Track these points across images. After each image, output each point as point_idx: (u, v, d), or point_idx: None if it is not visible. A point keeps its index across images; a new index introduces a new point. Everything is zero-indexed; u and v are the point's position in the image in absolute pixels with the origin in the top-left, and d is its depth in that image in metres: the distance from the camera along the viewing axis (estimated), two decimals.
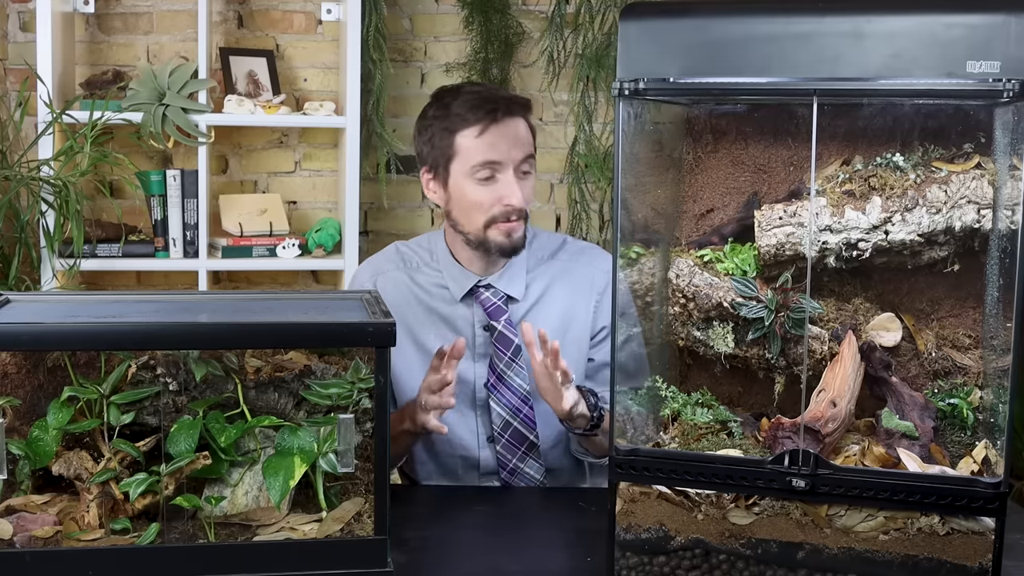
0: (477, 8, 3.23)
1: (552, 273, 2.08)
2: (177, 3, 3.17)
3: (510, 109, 1.97)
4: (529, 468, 2.02)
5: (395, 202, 3.34)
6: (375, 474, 1.37)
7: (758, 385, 1.57)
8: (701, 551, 1.41)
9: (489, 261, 2.04)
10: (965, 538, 1.34)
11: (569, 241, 2.15)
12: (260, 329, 1.37)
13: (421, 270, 2.09)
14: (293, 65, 3.25)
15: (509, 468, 2.02)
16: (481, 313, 2.03)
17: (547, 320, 2.03)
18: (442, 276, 2.06)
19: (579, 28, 3.25)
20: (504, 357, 2.00)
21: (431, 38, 3.32)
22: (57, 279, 2.82)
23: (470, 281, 2.04)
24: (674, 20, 1.38)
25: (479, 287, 2.04)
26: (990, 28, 1.26)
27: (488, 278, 2.04)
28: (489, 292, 2.03)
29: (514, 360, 2.00)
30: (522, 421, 2.00)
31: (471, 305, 2.04)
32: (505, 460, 2.01)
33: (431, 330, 2.04)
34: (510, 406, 2.00)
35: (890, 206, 1.40)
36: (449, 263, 2.06)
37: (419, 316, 2.05)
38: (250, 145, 3.26)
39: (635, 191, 1.49)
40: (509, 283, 2.04)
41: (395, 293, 2.05)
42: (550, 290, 2.07)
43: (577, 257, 2.11)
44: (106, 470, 1.41)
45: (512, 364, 2.00)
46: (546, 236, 2.15)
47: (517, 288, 2.05)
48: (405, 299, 2.06)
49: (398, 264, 2.11)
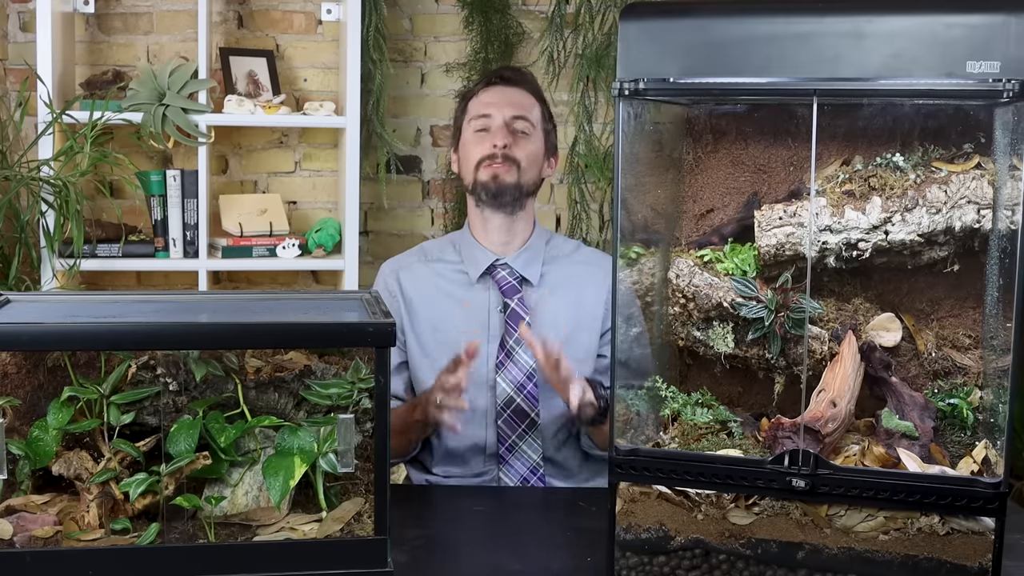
0: (477, 8, 3.23)
1: (567, 270, 2.16)
2: (177, 3, 3.17)
3: (506, 78, 2.19)
4: (527, 447, 2.04)
5: (395, 202, 3.34)
6: (375, 474, 1.37)
7: (758, 385, 1.57)
8: (701, 551, 1.41)
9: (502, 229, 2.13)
10: (965, 538, 1.34)
11: (583, 247, 2.26)
12: (260, 329, 1.37)
13: (442, 259, 2.19)
14: (293, 65, 3.25)
15: (508, 444, 2.03)
16: (497, 295, 2.11)
17: (559, 312, 2.11)
18: (462, 261, 2.16)
19: (579, 28, 3.25)
20: (514, 333, 2.07)
21: (431, 38, 3.32)
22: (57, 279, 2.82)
23: (488, 259, 2.13)
24: (674, 20, 1.38)
25: (496, 266, 2.12)
26: (990, 28, 1.26)
27: (505, 258, 2.13)
28: (505, 271, 2.13)
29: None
30: (525, 398, 2.03)
31: (488, 287, 2.12)
32: (505, 436, 2.04)
33: (449, 316, 2.11)
34: (515, 382, 2.05)
35: (890, 206, 1.40)
36: (470, 243, 2.17)
37: (438, 302, 2.14)
38: (250, 145, 3.26)
39: (635, 191, 1.49)
40: (525, 265, 2.13)
41: (415, 283, 2.17)
42: (564, 284, 2.14)
43: (590, 258, 2.21)
44: (106, 470, 1.41)
45: (522, 342, 2.05)
46: (562, 239, 2.26)
47: (532, 272, 2.13)
48: (424, 287, 2.16)
49: (420, 258, 2.22)
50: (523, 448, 2.04)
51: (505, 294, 2.10)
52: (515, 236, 2.14)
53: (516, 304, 2.08)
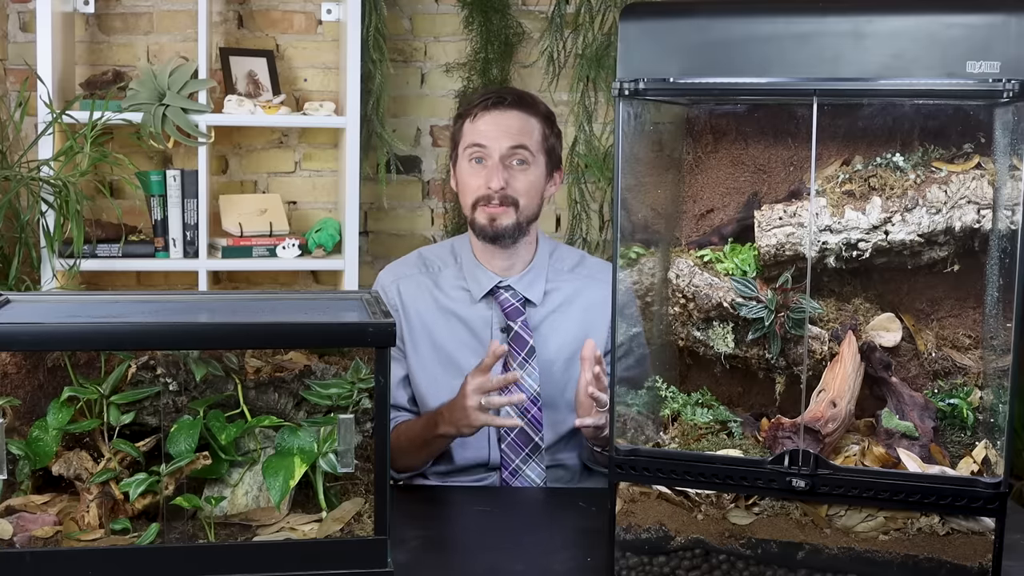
0: (477, 8, 3.22)
1: (572, 286, 2.12)
2: (177, 3, 3.17)
3: (505, 100, 2.07)
4: (530, 471, 2.02)
5: (395, 202, 3.33)
6: (375, 474, 1.37)
7: (758, 385, 1.57)
8: (701, 551, 1.41)
9: (503, 256, 2.08)
10: (965, 538, 1.34)
11: (588, 258, 2.21)
12: (260, 329, 1.37)
13: (443, 273, 2.14)
14: (293, 65, 3.25)
15: (511, 468, 2.02)
16: (499, 314, 2.07)
17: (563, 330, 2.08)
18: (464, 278, 2.11)
19: (579, 28, 3.25)
20: (518, 357, 2.03)
21: (431, 38, 3.32)
22: (57, 279, 2.81)
23: (490, 281, 2.08)
24: (674, 20, 1.38)
25: (499, 288, 2.08)
26: (990, 28, 1.26)
27: (508, 279, 2.09)
28: (508, 293, 2.08)
29: (527, 361, 2.03)
30: (529, 422, 2.01)
31: (491, 307, 2.09)
32: (508, 460, 2.02)
33: (449, 332, 2.08)
34: (520, 407, 2.01)
35: (890, 206, 1.40)
36: (472, 263, 2.12)
37: (438, 319, 2.10)
38: (250, 145, 3.26)
39: (635, 191, 1.49)
40: (529, 287, 2.09)
41: (417, 297, 2.12)
42: (568, 302, 2.10)
43: (595, 274, 2.14)
44: (106, 470, 1.41)
45: (525, 365, 2.02)
46: (567, 251, 2.21)
47: (536, 292, 2.09)
48: (426, 302, 2.11)
49: (420, 268, 2.16)
50: (526, 472, 2.02)
51: (508, 316, 2.06)
52: (518, 260, 2.10)
53: (519, 327, 2.05)
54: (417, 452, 2.00)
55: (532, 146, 2.06)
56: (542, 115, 2.11)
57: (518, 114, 2.07)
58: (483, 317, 2.08)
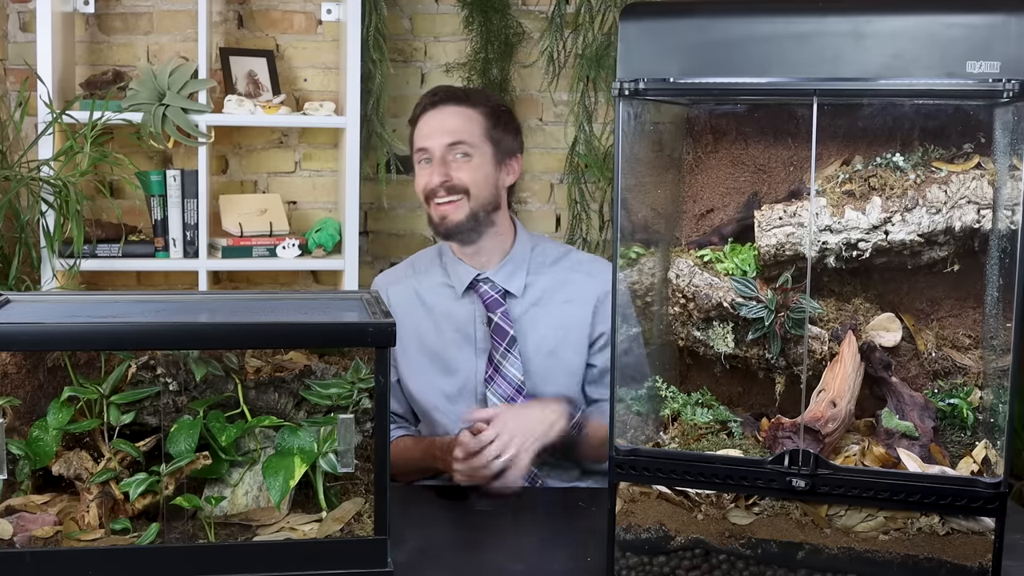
0: (477, 8, 3.23)
1: (552, 279, 2.14)
2: (177, 3, 3.17)
3: (436, 100, 2.10)
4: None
5: (395, 202, 3.33)
6: (375, 474, 1.37)
7: (758, 385, 1.57)
8: (701, 551, 1.41)
9: (471, 251, 2.11)
10: (965, 538, 1.34)
11: (573, 252, 2.22)
12: (260, 329, 1.37)
13: (429, 273, 2.18)
14: (293, 65, 3.25)
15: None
16: (481, 308, 2.10)
17: (544, 323, 2.10)
18: (447, 275, 2.15)
19: (579, 28, 3.25)
20: (500, 347, 2.06)
21: (431, 38, 3.32)
22: (57, 279, 2.82)
23: (469, 275, 2.12)
24: (674, 20, 1.38)
25: (478, 281, 2.11)
26: (990, 28, 1.26)
27: (486, 272, 2.12)
28: (487, 286, 2.11)
29: (509, 350, 2.06)
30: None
31: (473, 301, 2.11)
32: None
33: (437, 331, 2.12)
34: (505, 396, 2.05)
35: (890, 206, 1.40)
36: (453, 260, 2.15)
37: (425, 319, 2.13)
38: (250, 145, 3.26)
39: (635, 191, 1.49)
40: (508, 279, 2.11)
41: (403, 300, 2.16)
42: (549, 295, 2.12)
43: (577, 267, 2.16)
44: (106, 470, 1.41)
45: (507, 354, 2.05)
46: (551, 246, 2.22)
47: (516, 284, 2.11)
48: (411, 303, 2.15)
49: (408, 273, 2.21)
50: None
51: (489, 308, 2.08)
52: (491, 253, 2.12)
53: (499, 318, 2.07)
54: (414, 472, 2.05)
55: (472, 139, 2.07)
56: (483, 106, 2.11)
57: (454, 109, 2.08)
58: (467, 311, 2.11)
